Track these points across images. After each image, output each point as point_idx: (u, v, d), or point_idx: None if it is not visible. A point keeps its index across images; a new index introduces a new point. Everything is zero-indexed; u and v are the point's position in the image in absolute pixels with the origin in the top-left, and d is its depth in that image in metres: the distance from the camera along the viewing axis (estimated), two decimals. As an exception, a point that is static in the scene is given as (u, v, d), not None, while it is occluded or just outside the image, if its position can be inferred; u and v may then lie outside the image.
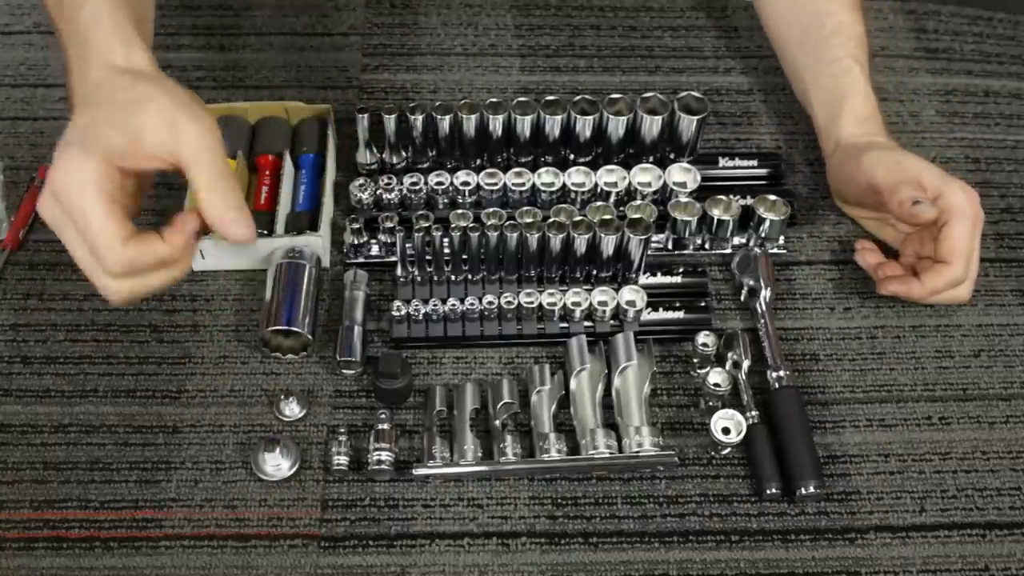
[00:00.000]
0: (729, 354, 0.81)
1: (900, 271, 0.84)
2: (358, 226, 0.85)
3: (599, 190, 0.87)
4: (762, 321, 0.83)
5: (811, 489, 0.74)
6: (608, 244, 0.81)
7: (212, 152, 0.66)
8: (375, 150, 0.90)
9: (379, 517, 0.74)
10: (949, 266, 0.80)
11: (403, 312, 0.81)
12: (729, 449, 0.77)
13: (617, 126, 0.88)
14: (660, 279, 0.85)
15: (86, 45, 0.69)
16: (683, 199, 0.87)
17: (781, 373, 0.79)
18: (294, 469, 0.75)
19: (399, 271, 0.84)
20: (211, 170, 0.66)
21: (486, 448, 0.76)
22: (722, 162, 0.92)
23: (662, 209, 0.87)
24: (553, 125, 0.87)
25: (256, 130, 0.92)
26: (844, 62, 0.89)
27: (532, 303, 0.81)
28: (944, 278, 0.81)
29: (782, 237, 0.89)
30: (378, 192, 0.87)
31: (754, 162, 0.93)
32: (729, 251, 0.89)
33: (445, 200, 0.88)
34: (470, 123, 0.87)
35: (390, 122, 0.88)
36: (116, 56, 0.68)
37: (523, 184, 0.87)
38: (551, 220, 0.82)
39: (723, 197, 0.86)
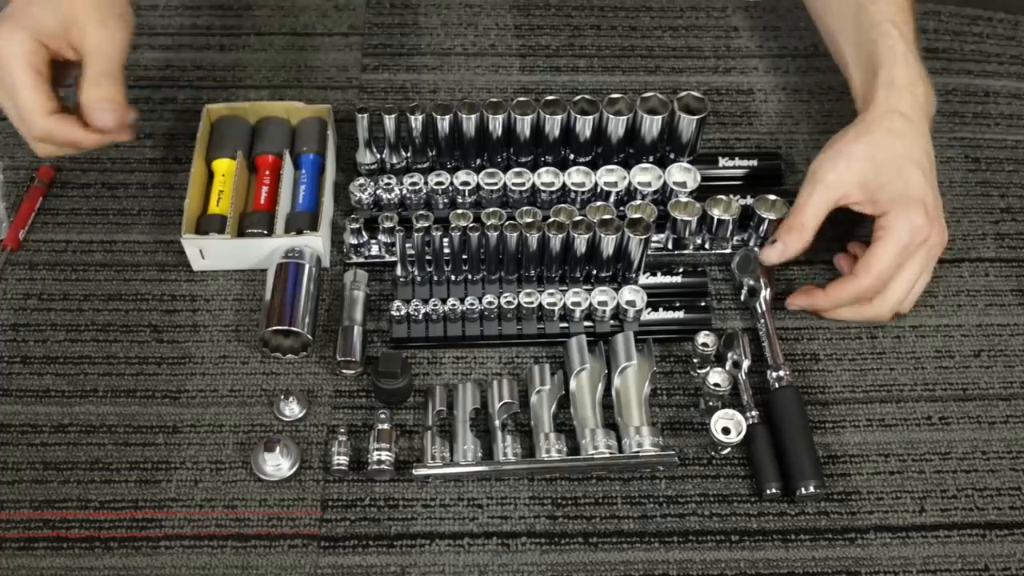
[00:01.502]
0: (729, 354, 0.81)
1: (815, 289, 0.84)
2: (358, 226, 0.85)
3: (599, 190, 0.87)
4: (762, 321, 0.83)
5: (811, 489, 0.74)
6: (608, 244, 0.81)
7: (108, 55, 0.75)
8: (375, 150, 0.90)
9: (379, 517, 0.74)
10: (855, 278, 0.80)
11: (403, 312, 0.81)
12: (729, 449, 0.77)
13: (617, 126, 0.88)
14: (660, 279, 0.85)
15: None
16: (683, 199, 0.86)
17: (781, 373, 0.79)
18: (294, 469, 0.75)
19: (399, 271, 0.84)
20: (100, 68, 0.74)
21: (486, 448, 0.76)
22: (722, 162, 0.92)
23: (662, 209, 0.87)
24: (553, 125, 0.87)
25: (256, 130, 0.92)
26: (883, 27, 0.86)
27: (532, 303, 0.81)
28: (847, 290, 0.81)
29: (782, 237, 0.89)
30: (378, 192, 0.87)
31: (754, 162, 0.93)
32: (729, 251, 0.89)
33: (445, 200, 0.88)
34: (470, 123, 0.87)
35: (390, 122, 0.88)
36: None
37: (523, 184, 0.87)
38: (551, 220, 0.82)
39: (723, 197, 0.86)
